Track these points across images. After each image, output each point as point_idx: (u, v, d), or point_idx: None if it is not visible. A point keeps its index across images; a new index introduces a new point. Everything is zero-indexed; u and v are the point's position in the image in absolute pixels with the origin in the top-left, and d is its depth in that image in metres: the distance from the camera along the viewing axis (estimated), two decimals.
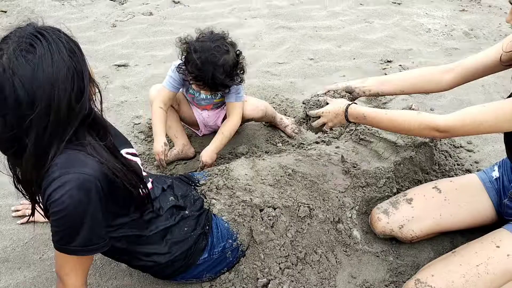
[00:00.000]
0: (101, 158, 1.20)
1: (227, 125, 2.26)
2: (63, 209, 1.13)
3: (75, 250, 1.19)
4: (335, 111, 1.76)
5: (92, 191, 1.16)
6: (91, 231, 1.19)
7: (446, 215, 1.76)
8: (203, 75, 2.01)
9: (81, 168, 1.15)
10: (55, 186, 1.12)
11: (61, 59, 1.11)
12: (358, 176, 1.95)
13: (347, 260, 1.80)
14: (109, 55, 3.50)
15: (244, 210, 1.69)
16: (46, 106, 1.09)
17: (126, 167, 1.29)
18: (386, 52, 3.54)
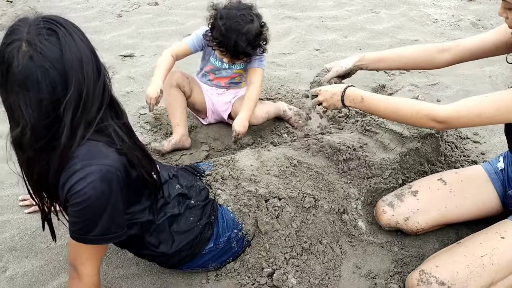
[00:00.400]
0: (121, 145, 1.21)
1: (251, 89, 2.32)
2: (85, 200, 1.13)
3: (93, 239, 1.20)
4: (333, 91, 1.75)
5: (113, 182, 1.17)
6: (111, 220, 1.20)
7: (452, 207, 1.76)
8: (226, 42, 2.09)
9: (103, 160, 1.16)
10: (77, 178, 1.13)
11: (80, 39, 1.13)
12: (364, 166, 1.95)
13: (352, 251, 1.80)
14: (115, 46, 3.50)
15: (249, 201, 1.69)
16: (78, 85, 1.11)
17: (142, 152, 1.30)
18: (393, 43, 3.52)
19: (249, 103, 2.28)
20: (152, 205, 1.43)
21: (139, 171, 1.28)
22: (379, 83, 2.97)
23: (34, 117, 1.09)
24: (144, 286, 1.66)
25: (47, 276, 1.71)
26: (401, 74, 3.08)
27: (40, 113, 1.10)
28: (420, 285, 1.50)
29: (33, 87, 1.07)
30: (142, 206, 1.39)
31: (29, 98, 1.08)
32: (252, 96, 2.29)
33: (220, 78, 2.42)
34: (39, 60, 1.07)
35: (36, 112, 1.09)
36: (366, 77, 3.06)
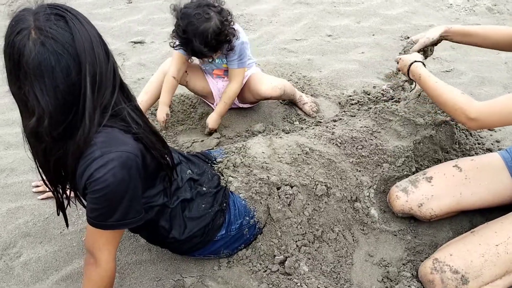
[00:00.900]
0: (136, 128, 1.21)
1: (227, 93, 2.34)
2: (105, 187, 1.14)
3: (111, 225, 1.21)
4: (405, 62, 1.86)
5: (133, 168, 1.18)
6: (129, 206, 1.21)
7: (467, 193, 1.73)
8: (185, 42, 2.04)
9: (122, 147, 1.16)
10: (97, 165, 1.13)
11: (88, 23, 1.13)
12: (377, 154, 1.93)
13: (364, 239, 1.80)
14: (125, 32, 3.49)
15: (261, 188, 1.69)
16: (92, 68, 1.11)
17: (155, 135, 1.30)
18: (406, 28, 3.46)
19: (224, 106, 2.36)
20: (166, 189, 1.43)
21: (154, 154, 1.28)
22: (392, 70, 2.93)
23: (51, 104, 1.08)
24: (157, 272, 1.67)
25: (61, 262, 1.73)
26: None
27: (57, 99, 1.09)
28: (433, 274, 1.48)
29: (48, 73, 1.06)
30: (157, 189, 1.40)
31: (44, 85, 1.07)
32: (227, 100, 2.35)
33: (216, 70, 2.42)
34: (51, 46, 1.06)
35: (53, 99, 1.08)
36: (381, 63, 3.02)
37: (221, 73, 2.42)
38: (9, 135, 2.43)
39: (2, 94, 2.84)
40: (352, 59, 3.08)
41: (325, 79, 2.89)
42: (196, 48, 2.01)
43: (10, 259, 1.74)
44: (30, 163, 2.17)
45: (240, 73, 2.32)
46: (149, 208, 1.39)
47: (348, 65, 3.01)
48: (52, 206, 1.96)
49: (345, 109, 2.56)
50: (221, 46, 2.10)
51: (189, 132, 2.46)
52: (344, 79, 2.88)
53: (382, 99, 2.57)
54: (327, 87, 2.81)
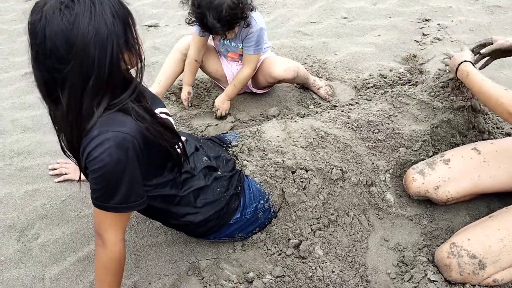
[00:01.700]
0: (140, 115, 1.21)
1: (239, 77, 2.35)
2: (102, 166, 1.14)
3: (114, 207, 1.21)
4: (455, 61, 1.81)
5: (130, 149, 1.17)
6: (130, 188, 1.21)
7: (485, 176, 1.70)
8: (199, 17, 2.00)
9: (119, 127, 1.16)
10: (94, 144, 1.14)
11: (102, 22, 1.10)
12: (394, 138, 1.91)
13: (380, 223, 1.78)
14: (139, 16, 3.42)
15: (276, 172, 1.68)
16: (79, 65, 1.09)
17: (163, 126, 1.29)
18: (424, 10, 3.38)
19: (233, 89, 2.39)
20: (175, 179, 1.43)
21: (163, 143, 1.28)
22: (409, 53, 2.88)
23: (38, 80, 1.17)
24: (172, 254, 1.69)
25: (78, 244, 1.75)
26: (433, 43, 2.96)
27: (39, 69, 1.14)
28: (450, 258, 1.47)
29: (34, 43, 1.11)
30: (165, 178, 1.40)
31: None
32: (237, 84, 2.36)
33: (231, 53, 2.40)
34: (44, 26, 1.08)
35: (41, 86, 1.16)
36: (398, 46, 2.96)
37: (235, 56, 2.40)
38: (25, 119, 2.46)
39: (19, 78, 2.86)
40: (368, 42, 3.03)
41: (340, 62, 2.85)
42: (209, 23, 1.97)
43: (28, 240, 1.77)
44: (47, 146, 2.21)
45: (254, 59, 2.30)
46: (156, 197, 1.40)
47: (364, 48, 2.96)
48: (69, 188, 1.99)
49: (361, 92, 2.53)
50: (237, 22, 2.06)
51: (203, 116, 2.45)
52: (360, 62, 2.84)
53: (399, 82, 2.53)
54: (343, 70, 2.77)
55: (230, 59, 2.44)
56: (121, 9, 1.15)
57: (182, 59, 2.42)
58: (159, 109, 1.43)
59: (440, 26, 3.17)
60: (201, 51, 2.37)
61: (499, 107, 1.52)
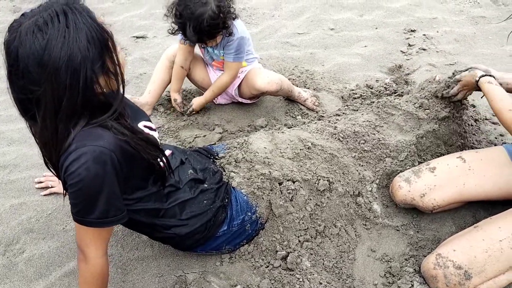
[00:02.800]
0: (120, 130, 1.20)
1: (217, 83, 2.40)
2: (79, 181, 1.14)
3: (93, 222, 1.20)
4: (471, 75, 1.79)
5: (108, 163, 1.16)
6: (108, 203, 1.20)
7: (470, 184, 1.72)
8: (181, 27, 2.07)
9: (97, 141, 1.15)
10: (72, 159, 1.13)
11: (76, 47, 1.08)
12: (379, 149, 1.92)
13: (367, 234, 1.79)
14: (128, 27, 3.48)
15: (263, 183, 1.68)
16: (51, 89, 1.09)
17: (144, 140, 1.29)
18: (410, 21, 3.43)
19: (212, 95, 2.44)
20: (159, 191, 1.43)
21: (144, 157, 1.28)
22: (395, 63, 2.91)
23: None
24: (159, 268, 1.67)
25: (64, 258, 1.73)
26: (418, 54, 3.00)
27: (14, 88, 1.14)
28: (436, 269, 1.48)
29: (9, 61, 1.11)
30: (148, 192, 1.40)
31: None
32: (216, 90, 2.41)
33: (216, 62, 2.42)
34: (17, 47, 1.08)
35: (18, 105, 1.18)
36: (384, 57, 3.00)
37: (220, 65, 2.42)
38: (12, 131, 2.44)
39: (5, 90, 2.84)
40: (354, 53, 3.06)
41: (327, 73, 2.87)
42: (188, 34, 2.04)
43: (14, 255, 1.75)
44: (33, 159, 2.19)
45: (234, 66, 2.32)
46: (139, 210, 1.40)
47: (350, 59, 2.99)
48: (55, 202, 1.97)
49: (348, 103, 2.55)
50: (218, 31, 2.10)
51: (191, 127, 2.45)
52: (346, 73, 2.86)
53: (385, 93, 2.55)
54: (330, 81, 2.79)
55: (216, 68, 2.46)
56: (98, 33, 1.13)
57: (170, 67, 2.45)
58: (143, 122, 1.43)
59: (425, 36, 3.21)
60: (187, 59, 2.39)
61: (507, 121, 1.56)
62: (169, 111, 2.58)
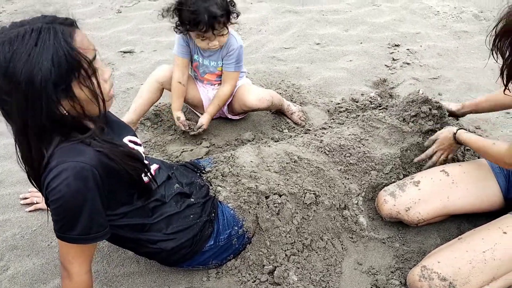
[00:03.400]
0: (101, 146, 1.20)
1: (220, 95, 2.36)
2: (60, 197, 1.13)
3: (75, 238, 1.20)
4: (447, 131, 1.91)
5: (89, 179, 1.16)
6: (91, 219, 1.20)
7: (454, 197, 1.75)
8: (199, 15, 1.99)
9: (78, 157, 1.15)
10: (52, 175, 1.13)
11: (37, 67, 1.07)
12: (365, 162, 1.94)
13: (353, 247, 1.80)
14: (115, 42, 3.49)
15: (249, 197, 1.69)
16: (16, 103, 1.09)
17: (128, 155, 1.29)
18: (394, 36, 3.49)
19: (215, 107, 2.38)
20: (144, 206, 1.42)
21: (128, 172, 1.27)
22: (380, 77, 2.95)
23: None
24: (145, 284, 1.66)
25: (48, 275, 1.71)
26: (402, 68, 3.06)
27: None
28: (421, 281, 1.49)
29: None
30: (133, 207, 1.39)
31: None
32: (221, 101, 2.37)
33: (209, 75, 2.42)
34: None
35: None
36: (369, 71, 3.04)
37: (213, 78, 2.42)
38: None
39: None
40: (340, 67, 3.10)
41: (314, 87, 2.90)
42: (213, 13, 1.99)
43: None
44: (19, 174, 2.17)
45: (234, 76, 2.34)
46: (126, 226, 1.39)
47: (336, 73, 3.03)
48: (40, 218, 1.95)
49: (334, 116, 2.57)
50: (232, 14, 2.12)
51: (178, 141, 2.45)
52: (332, 86, 2.89)
53: (370, 106, 2.58)
54: (316, 95, 2.82)
55: (206, 82, 2.46)
56: (68, 57, 1.10)
57: (159, 88, 2.41)
58: (128, 137, 1.43)
59: (409, 51, 3.27)
60: (185, 73, 2.36)
61: (497, 162, 1.66)
62: (156, 125, 2.58)
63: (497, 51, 1.41)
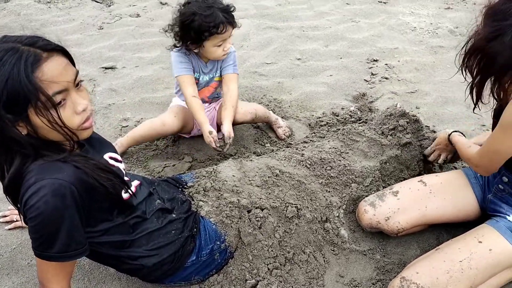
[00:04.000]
0: (79, 163, 1.20)
1: (231, 96, 2.30)
2: (38, 215, 1.13)
3: (54, 256, 1.19)
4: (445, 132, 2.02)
5: (67, 196, 1.16)
6: (69, 236, 1.19)
7: (432, 207, 1.79)
8: (217, 18, 2.06)
9: (56, 174, 1.15)
10: (30, 192, 1.13)
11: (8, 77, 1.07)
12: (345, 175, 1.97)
13: (335, 259, 1.82)
14: (96, 58, 3.49)
15: (231, 212, 1.70)
16: None
17: (107, 171, 1.29)
18: (372, 51, 3.57)
19: (232, 112, 2.27)
20: (125, 223, 1.42)
21: (108, 189, 1.27)
22: (359, 91, 3.01)
23: None
24: None
25: None
26: (381, 82, 3.12)
27: None
28: None
29: None
30: (113, 223, 1.39)
31: None
32: (233, 103, 2.29)
33: (205, 90, 2.43)
34: None
35: None
36: (349, 85, 3.10)
37: (209, 93, 2.43)
38: None
39: None
40: (321, 82, 3.16)
41: (295, 101, 2.94)
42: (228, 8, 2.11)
43: None
44: None
45: (235, 77, 2.35)
46: (106, 243, 1.39)
47: (317, 88, 3.08)
48: (20, 236, 1.92)
49: (315, 130, 2.61)
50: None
51: (160, 156, 2.46)
52: (313, 101, 2.94)
53: (350, 120, 2.63)
54: (297, 109, 2.87)
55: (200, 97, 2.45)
56: (24, 85, 1.08)
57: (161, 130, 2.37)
58: (109, 154, 1.43)
59: (387, 66, 3.35)
60: (195, 89, 2.30)
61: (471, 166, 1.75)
62: None
63: (466, 69, 1.47)
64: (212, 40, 2.14)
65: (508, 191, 1.66)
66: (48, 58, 1.13)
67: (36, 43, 1.13)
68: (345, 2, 4.55)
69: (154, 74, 3.24)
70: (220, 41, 2.16)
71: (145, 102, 2.92)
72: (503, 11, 1.36)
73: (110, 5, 4.46)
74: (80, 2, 4.48)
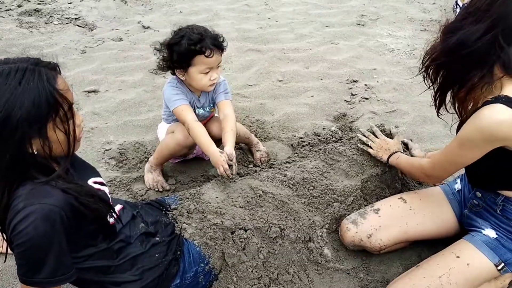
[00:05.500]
0: (67, 187, 1.21)
1: (229, 121, 2.24)
2: (27, 240, 1.13)
3: (41, 282, 1.18)
4: (385, 147, 2.11)
5: (57, 221, 1.16)
6: (58, 261, 1.19)
7: (412, 223, 1.82)
8: (205, 38, 2.08)
9: (45, 199, 1.15)
10: (20, 217, 1.13)
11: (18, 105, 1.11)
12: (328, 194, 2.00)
13: (319, 279, 1.83)
14: (79, 82, 3.49)
15: (215, 233, 1.70)
16: None
17: (94, 196, 1.29)
18: (352, 72, 3.65)
19: (233, 135, 2.21)
20: (109, 248, 1.42)
21: (94, 214, 1.28)
22: (340, 112, 3.07)
23: None
24: None
25: None
26: (361, 102, 3.19)
27: None
28: None
29: None
30: (97, 249, 1.39)
31: None
32: (232, 127, 2.22)
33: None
34: None
35: None
36: (329, 106, 3.15)
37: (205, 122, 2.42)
38: None
39: None
40: (302, 103, 3.21)
41: (277, 122, 2.99)
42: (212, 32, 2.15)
43: None
44: None
45: (229, 104, 2.33)
46: (90, 269, 1.38)
47: (298, 108, 3.13)
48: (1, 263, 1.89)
49: (297, 150, 2.65)
50: None
51: (143, 179, 2.45)
52: (295, 121, 2.99)
53: (332, 140, 2.68)
54: (280, 130, 2.90)
55: None
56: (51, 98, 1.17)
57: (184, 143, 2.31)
58: (93, 179, 1.44)
59: (367, 86, 3.42)
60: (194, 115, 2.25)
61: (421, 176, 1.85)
62: (121, 164, 2.58)
63: (429, 78, 1.56)
64: (197, 66, 2.11)
65: (482, 205, 1.71)
66: (56, 74, 1.22)
67: (40, 63, 1.19)
68: (325, 25, 4.66)
69: (137, 97, 3.25)
70: (206, 68, 2.12)
71: (128, 125, 2.93)
72: (456, 28, 1.48)
73: (93, 29, 4.48)
74: (62, 27, 4.49)
